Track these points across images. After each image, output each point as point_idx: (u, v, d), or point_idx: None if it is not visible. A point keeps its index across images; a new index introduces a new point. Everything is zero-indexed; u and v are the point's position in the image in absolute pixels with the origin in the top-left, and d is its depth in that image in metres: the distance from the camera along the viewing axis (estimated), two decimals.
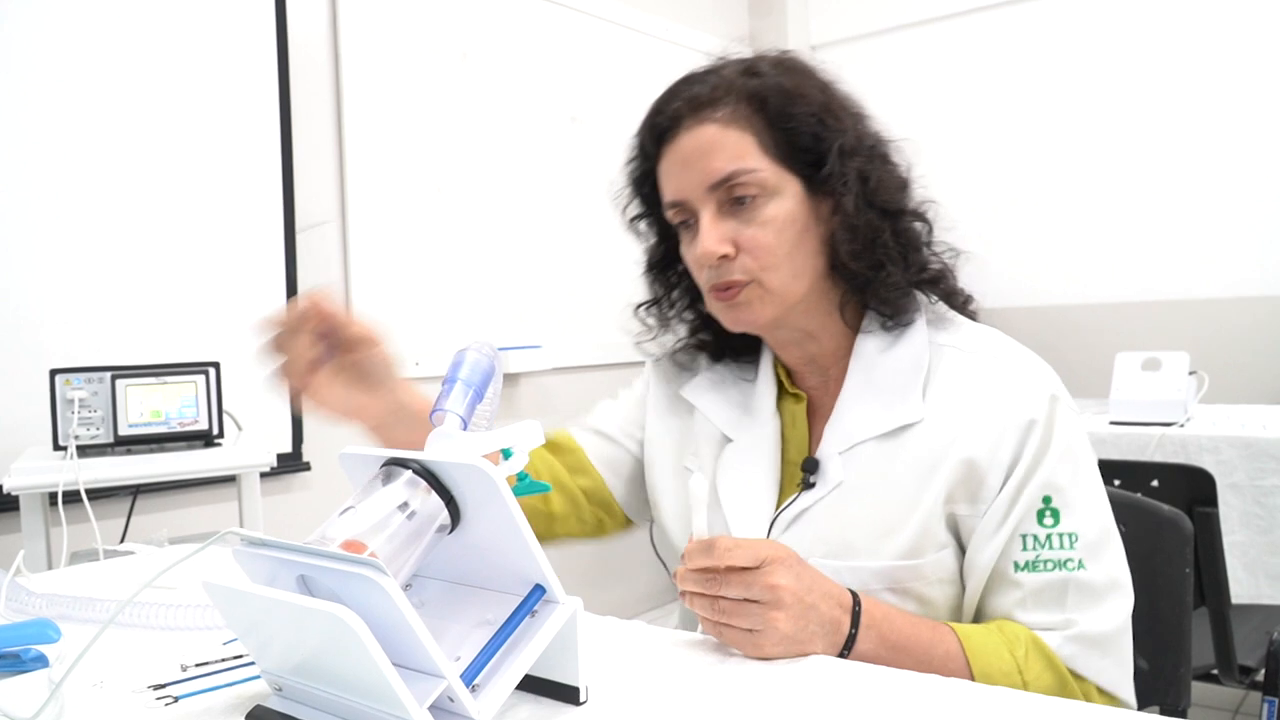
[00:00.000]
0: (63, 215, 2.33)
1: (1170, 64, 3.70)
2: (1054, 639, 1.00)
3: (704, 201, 1.09)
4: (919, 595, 1.05)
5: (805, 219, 1.10)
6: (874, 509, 1.06)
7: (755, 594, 0.90)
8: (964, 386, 1.07)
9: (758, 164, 1.08)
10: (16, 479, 1.78)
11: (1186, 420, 2.67)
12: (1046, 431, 1.03)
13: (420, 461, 0.76)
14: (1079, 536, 1.02)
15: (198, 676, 0.89)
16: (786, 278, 1.09)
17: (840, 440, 1.10)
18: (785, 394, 1.20)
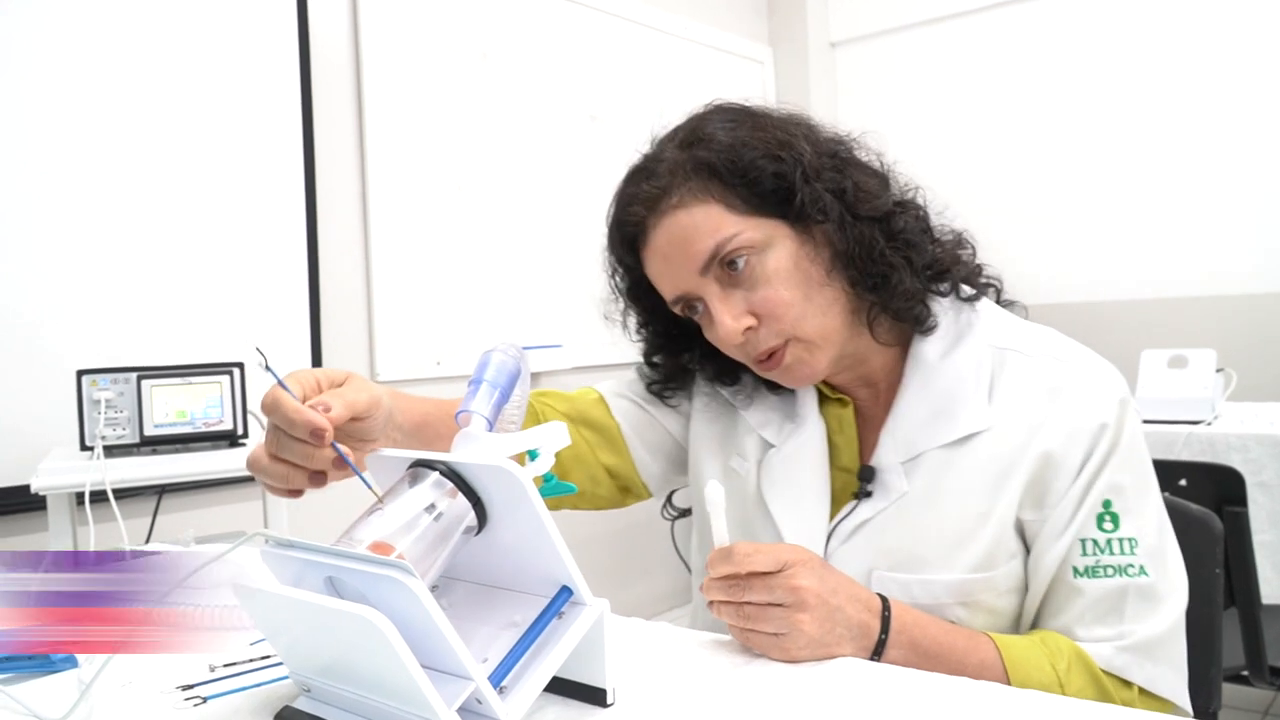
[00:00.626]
0: (89, 217, 2.34)
1: (1200, 56, 3.66)
2: (1105, 650, 0.98)
3: (703, 286, 1.06)
4: (989, 607, 1.03)
5: (803, 258, 1.05)
6: (943, 520, 1.04)
7: (779, 597, 0.90)
8: (1032, 390, 1.05)
9: (735, 228, 1.04)
10: (44, 479, 1.79)
11: (1214, 418, 2.65)
12: (1115, 435, 1.02)
13: (447, 463, 0.76)
14: (1139, 541, 1.00)
15: (226, 677, 0.89)
16: (818, 321, 1.05)
17: (901, 449, 1.07)
18: (827, 399, 1.17)
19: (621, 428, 1.26)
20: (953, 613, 1.02)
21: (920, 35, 4.27)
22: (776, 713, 0.79)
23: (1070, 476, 1.01)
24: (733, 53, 4.29)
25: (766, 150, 1.04)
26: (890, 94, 4.32)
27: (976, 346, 1.09)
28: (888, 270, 1.05)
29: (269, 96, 2.70)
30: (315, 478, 0.83)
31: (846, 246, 1.04)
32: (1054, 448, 1.01)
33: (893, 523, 1.05)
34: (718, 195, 1.05)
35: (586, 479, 1.25)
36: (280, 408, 0.81)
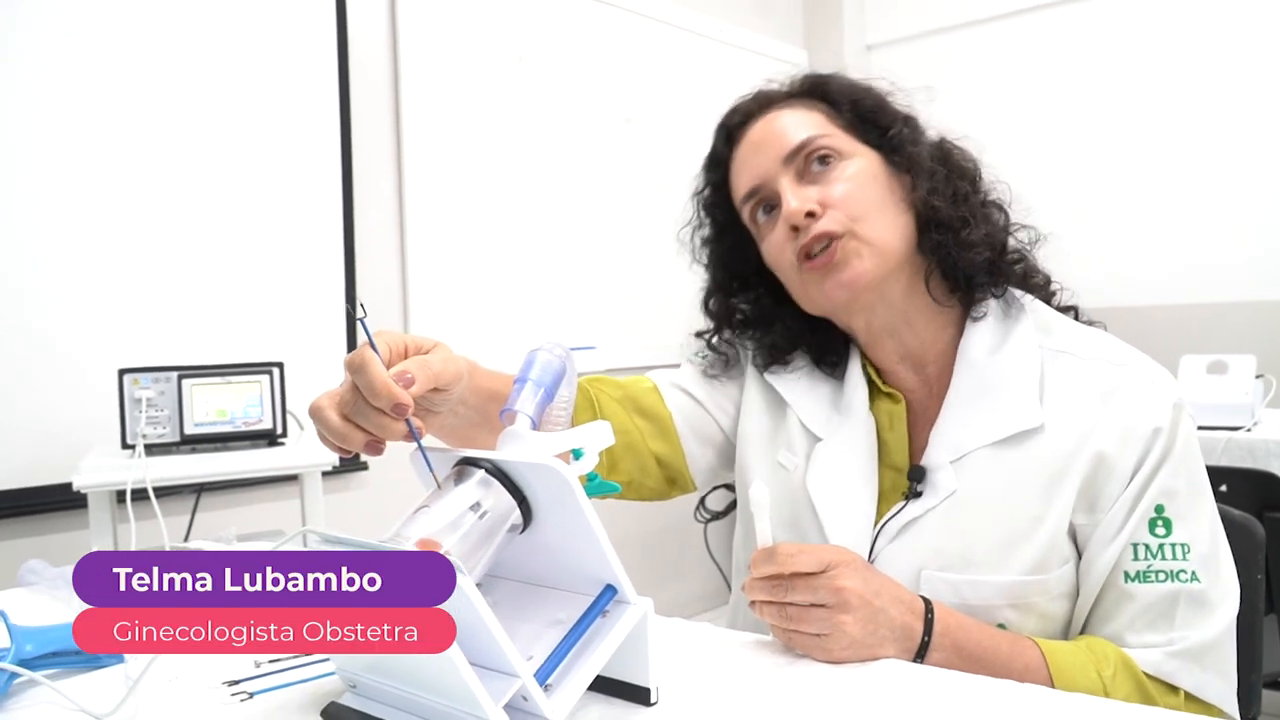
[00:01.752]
0: (131, 218, 2.37)
1: (1239, 61, 3.62)
2: (1154, 655, 0.97)
3: (782, 174, 1.10)
4: (1041, 611, 1.02)
5: (887, 181, 1.10)
6: (995, 521, 1.03)
7: (822, 598, 0.90)
8: (1086, 393, 1.04)
9: (830, 131, 1.11)
10: (86, 477, 1.81)
11: (1254, 424, 2.61)
12: (1169, 440, 1.01)
13: (492, 461, 0.77)
14: (1191, 547, 0.99)
15: (272, 673, 0.90)
16: (881, 230, 1.07)
17: (950, 448, 1.07)
18: (879, 394, 1.16)
19: (674, 417, 1.25)
20: (1003, 615, 1.01)
21: (957, 38, 4.24)
22: (820, 714, 0.79)
23: (1123, 481, 1.00)
24: (768, 55, 4.28)
25: (872, 95, 1.15)
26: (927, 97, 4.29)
27: (1026, 345, 1.08)
28: (968, 216, 1.08)
29: (308, 100, 2.72)
30: (373, 445, 0.82)
31: (933, 185, 1.09)
32: (1107, 450, 1.00)
33: (941, 522, 1.05)
34: (823, 110, 1.14)
35: (636, 467, 1.23)
36: (367, 372, 0.78)
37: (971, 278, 1.10)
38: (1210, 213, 3.68)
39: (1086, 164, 3.92)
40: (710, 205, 1.25)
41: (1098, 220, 3.87)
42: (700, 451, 1.26)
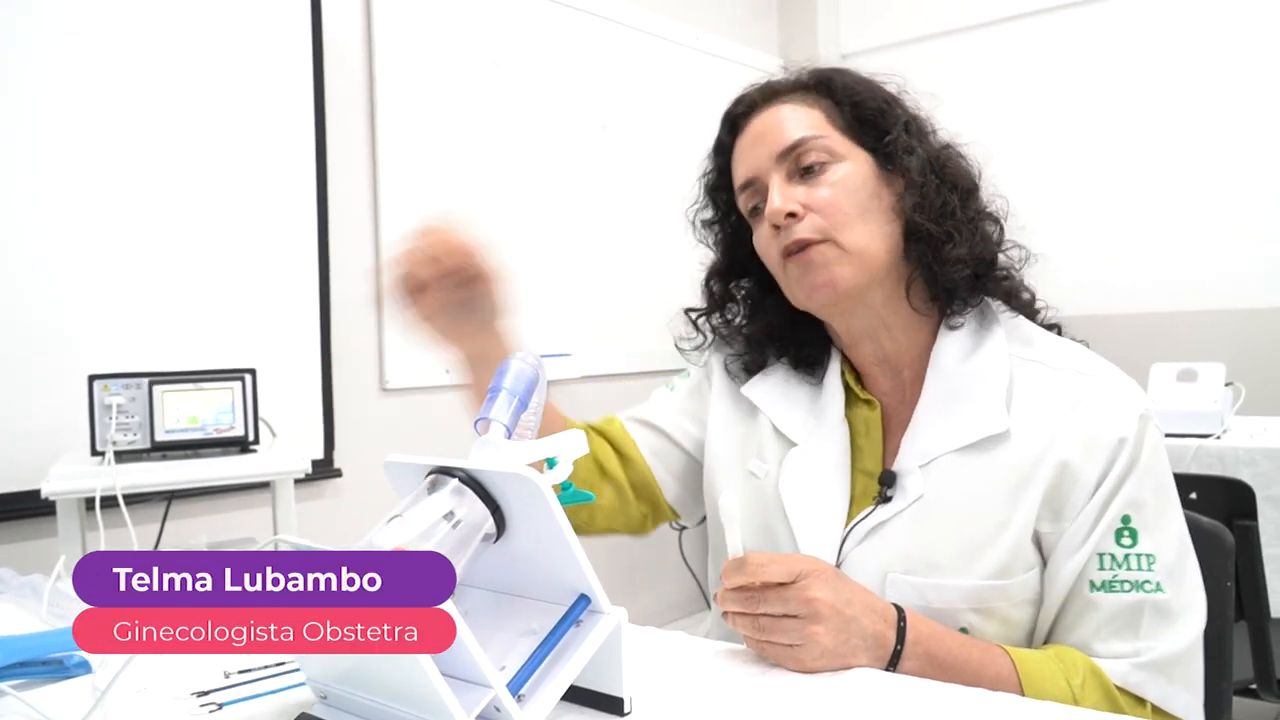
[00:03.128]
0: (101, 223, 2.35)
1: (1205, 73, 3.66)
2: (1121, 666, 0.98)
3: (774, 170, 1.11)
4: (1003, 616, 1.03)
5: (875, 186, 1.11)
6: (960, 525, 1.03)
7: (793, 608, 0.90)
8: (1053, 401, 1.05)
9: (824, 132, 1.12)
10: (55, 484, 1.79)
11: (1223, 432, 2.64)
12: (1135, 451, 1.01)
13: (466, 470, 0.76)
14: (1157, 558, 0.99)
15: (242, 684, 0.89)
16: (862, 238, 1.08)
17: (920, 453, 1.08)
18: (856, 400, 1.17)
19: (638, 443, 1.29)
20: (965, 618, 1.01)
21: (932, 47, 4.27)
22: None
23: (1088, 490, 1.01)
24: (743, 63, 4.30)
25: (882, 96, 1.15)
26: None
27: (997, 353, 1.09)
28: (952, 231, 1.08)
29: (282, 103, 2.71)
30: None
31: (921, 198, 1.09)
32: (1071, 459, 1.01)
33: (908, 526, 1.05)
34: (823, 107, 1.14)
35: (615, 494, 1.27)
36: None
37: (951, 290, 1.11)
38: (1180, 223, 3.72)
39: (1056, 174, 3.95)
40: (713, 189, 1.26)
41: (1068, 229, 3.90)
42: (672, 481, 1.29)
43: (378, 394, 2.99)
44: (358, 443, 2.84)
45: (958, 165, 1.15)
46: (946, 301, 1.12)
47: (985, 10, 4.16)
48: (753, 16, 4.50)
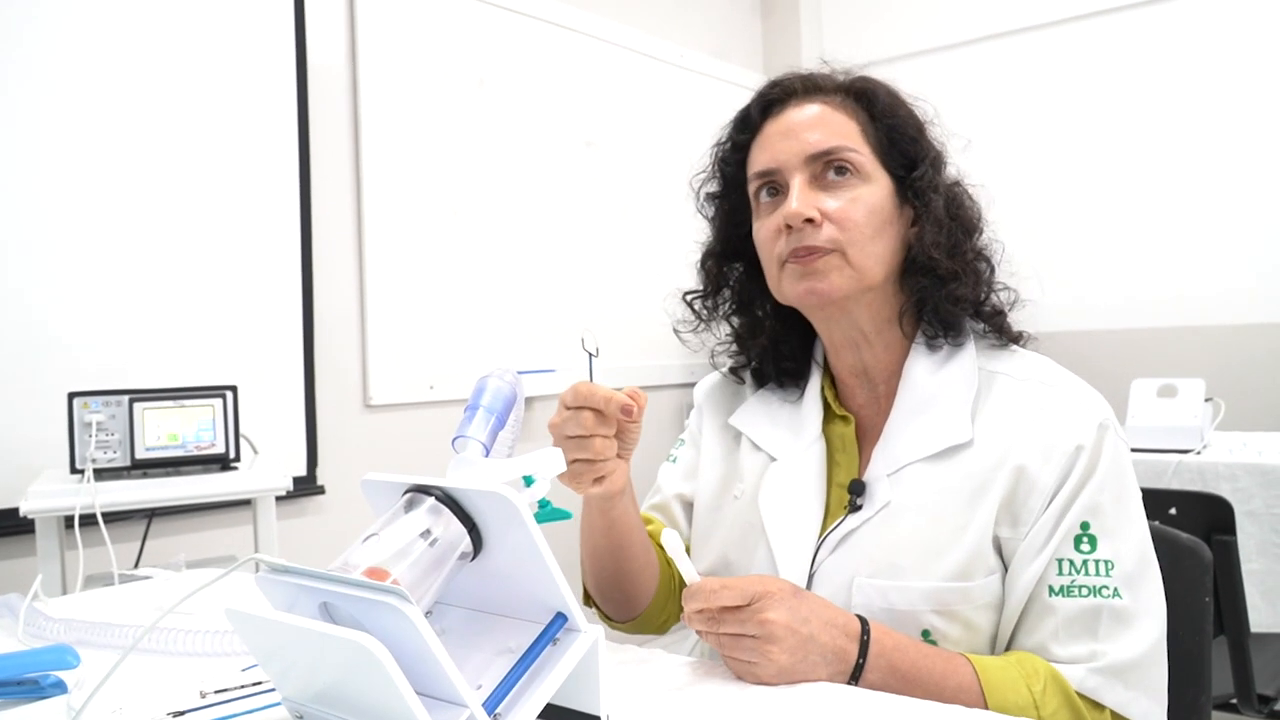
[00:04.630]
0: (81, 238, 2.34)
1: (1185, 91, 3.70)
2: (1078, 672, 0.99)
3: (798, 170, 1.12)
4: (965, 619, 1.04)
5: (891, 213, 1.13)
6: (922, 530, 1.06)
7: (749, 629, 0.94)
8: (1015, 411, 1.07)
9: (858, 146, 1.13)
10: (34, 502, 1.78)
11: (1203, 447, 2.66)
12: (1093, 458, 1.03)
13: (443, 488, 0.76)
14: (1115, 564, 1.01)
15: (218, 704, 0.89)
16: (870, 258, 1.10)
17: (888, 462, 1.11)
18: (833, 416, 1.20)
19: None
20: (928, 620, 1.03)
21: (913, 65, 4.30)
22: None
23: (1045, 497, 1.03)
24: (727, 80, 4.32)
25: (914, 122, 1.16)
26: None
27: (965, 366, 1.13)
28: (959, 271, 1.11)
29: (266, 119, 2.71)
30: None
31: (936, 236, 1.11)
32: (1028, 465, 1.03)
33: (876, 532, 1.08)
34: (860, 120, 1.15)
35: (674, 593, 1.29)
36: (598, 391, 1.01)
37: (948, 324, 1.14)
38: (1160, 240, 3.75)
39: (1036, 191, 3.98)
40: (723, 162, 1.26)
41: (1048, 246, 3.93)
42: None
43: (361, 410, 2.98)
44: (341, 459, 2.84)
45: (968, 205, 1.17)
46: (937, 330, 1.15)
47: (966, 28, 4.20)
48: (737, 34, 4.53)
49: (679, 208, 1.33)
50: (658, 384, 3.90)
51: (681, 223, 1.39)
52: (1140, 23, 3.80)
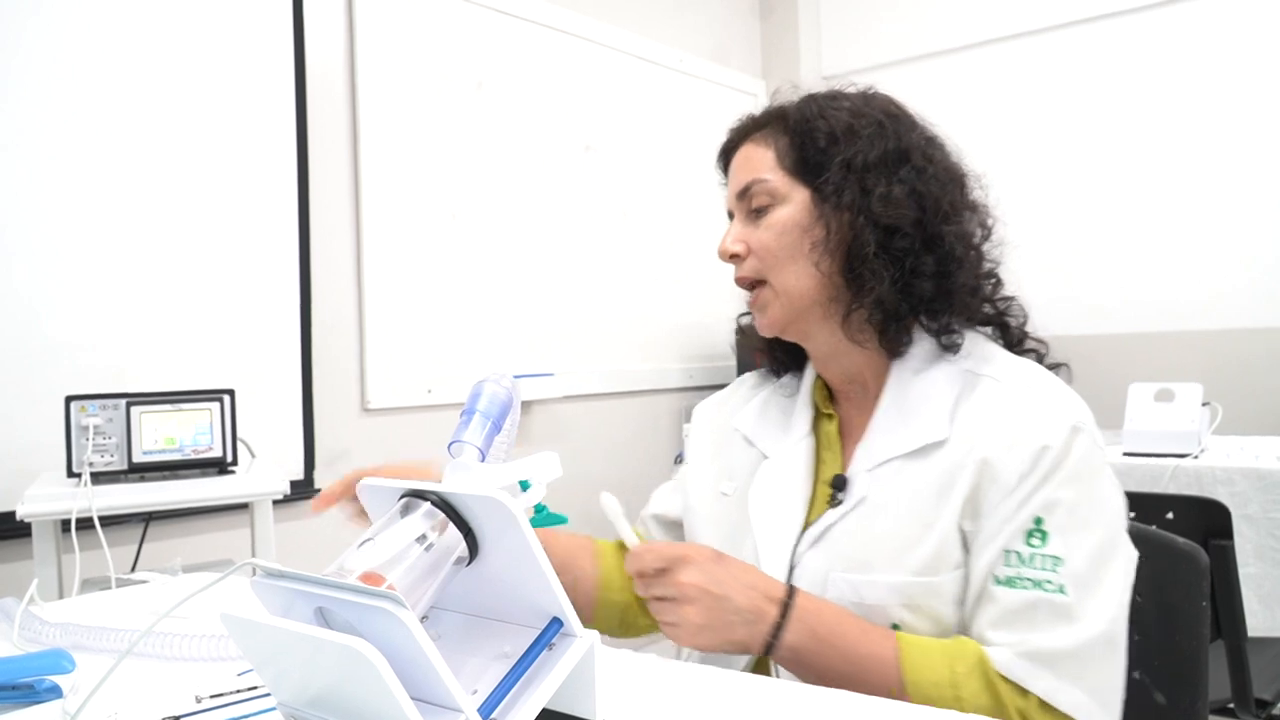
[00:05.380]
0: (79, 242, 2.35)
1: (1182, 96, 3.70)
2: (1004, 655, 0.99)
3: (737, 208, 1.22)
4: (933, 614, 1.06)
5: (808, 224, 1.15)
6: (894, 525, 1.08)
7: (669, 592, 1.01)
8: (991, 411, 1.09)
9: (769, 175, 1.18)
10: (30, 506, 1.78)
11: (1200, 452, 2.65)
12: (1058, 458, 1.03)
13: (439, 493, 0.76)
14: (1064, 562, 1.00)
15: (213, 709, 0.89)
16: (789, 279, 1.15)
17: (868, 458, 1.13)
18: (822, 415, 1.24)
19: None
20: (897, 614, 1.05)
21: (911, 70, 4.31)
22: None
23: (1005, 490, 1.03)
24: (726, 85, 4.33)
25: (831, 129, 1.16)
26: None
27: (949, 368, 1.14)
28: (868, 275, 1.12)
29: (264, 123, 2.71)
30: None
31: (842, 236, 1.13)
32: (992, 458, 1.04)
33: (852, 527, 1.11)
34: (779, 147, 1.19)
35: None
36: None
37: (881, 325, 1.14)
38: (1158, 244, 3.75)
39: (1034, 195, 3.99)
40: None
41: (1048, 250, 3.93)
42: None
43: (359, 414, 2.98)
44: (339, 463, 2.83)
45: (893, 196, 1.13)
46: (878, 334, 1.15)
47: (965, 33, 4.20)
48: (735, 38, 4.53)
49: (678, 211, 1.37)
50: (657, 388, 3.91)
51: (681, 226, 1.41)
52: (1137, 28, 3.80)
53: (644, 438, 3.84)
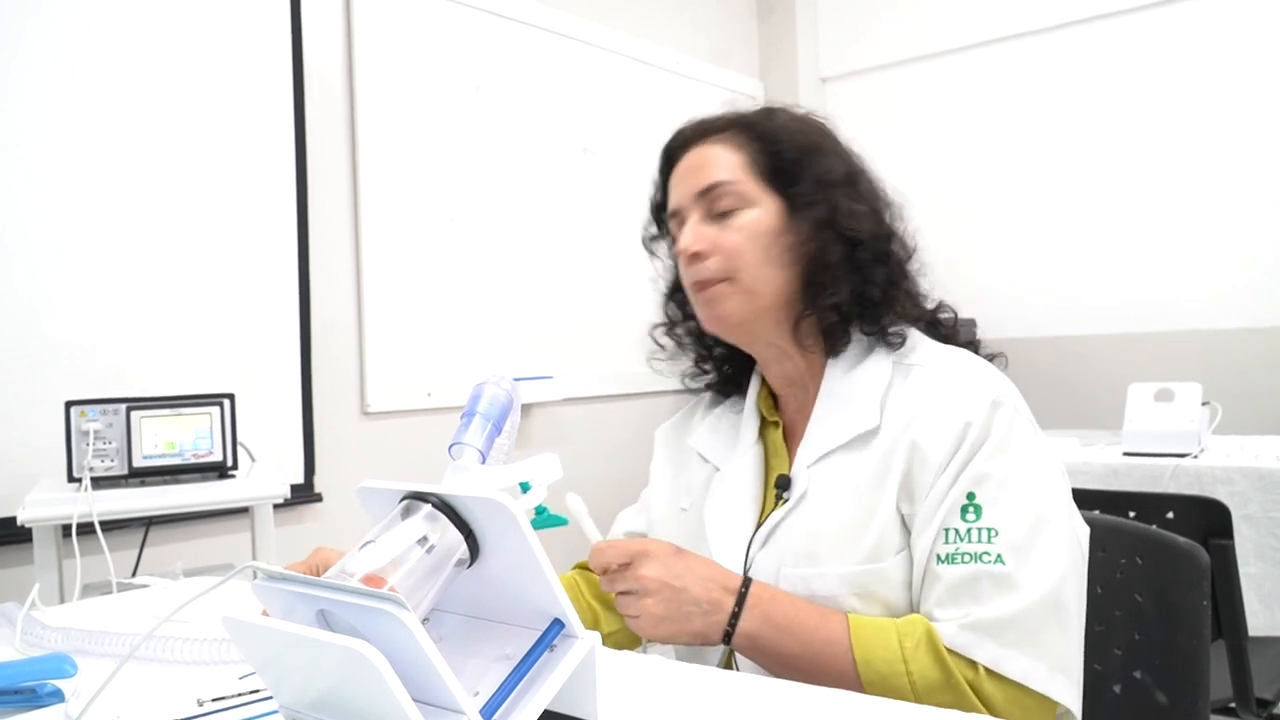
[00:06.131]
0: (79, 246, 2.35)
1: (1181, 96, 3.71)
2: (949, 628, 1.01)
3: (693, 207, 1.21)
4: (883, 600, 1.08)
5: (778, 231, 1.18)
6: (837, 516, 1.11)
7: (631, 586, 1.05)
8: (918, 396, 1.13)
9: (739, 178, 1.19)
10: (30, 511, 1.78)
11: (1200, 451, 2.66)
12: (981, 433, 1.06)
13: (440, 495, 0.76)
14: (999, 532, 1.03)
15: (216, 712, 0.89)
16: (758, 281, 1.17)
17: (808, 454, 1.17)
18: (768, 423, 1.27)
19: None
20: (849, 603, 1.08)
21: (909, 71, 4.32)
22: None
23: (936, 471, 1.07)
24: (724, 87, 4.33)
25: (802, 144, 1.20)
26: (879, 129, 4.36)
27: (879, 362, 1.19)
28: (829, 283, 1.17)
29: (262, 127, 2.71)
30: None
31: (811, 247, 1.18)
32: (919, 440, 1.08)
33: (798, 523, 1.14)
34: (747, 151, 1.21)
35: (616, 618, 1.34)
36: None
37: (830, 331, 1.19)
38: (1156, 244, 3.76)
39: (1036, 196, 3.99)
40: (656, 210, 1.38)
41: (1047, 250, 3.94)
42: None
43: (359, 418, 2.98)
44: (339, 467, 2.84)
45: (855, 210, 1.19)
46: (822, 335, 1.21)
47: (964, 34, 4.21)
48: (733, 40, 4.53)
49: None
50: (658, 390, 3.90)
51: None
52: (1136, 29, 3.81)
53: (643, 440, 3.79)
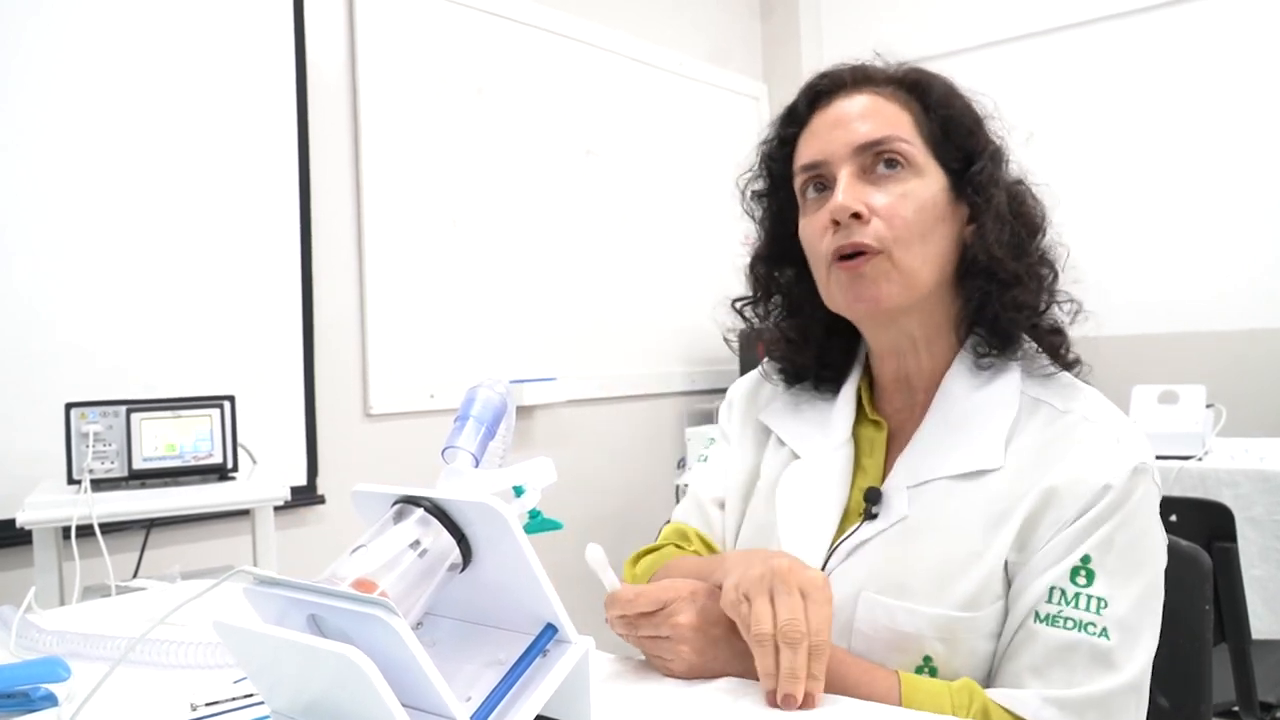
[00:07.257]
0: (80, 247, 2.35)
1: (1183, 98, 3.70)
2: (1031, 700, 0.93)
3: (846, 163, 1.06)
4: (970, 647, 0.99)
5: (943, 211, 1.07)
6: (937, 551, 1.01)
7: (662, 631, 0.97)
8: (1051, 444, 1.02)
9: (911, 138, 1.07)
10: (30, 513, 1.78)
11: (1204, 454, 2.65)
12: (1118, 499, 0.97)
13: (432, 499, 0.76)
14: (1108, 604, 0.94)
15: (208, 716, 0.88)
16: (917, 260, 1.04)
17: (910, 474, 1.06)
18: (865, 419, 1.15)
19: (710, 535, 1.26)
20: (931, 646, 0.99)
21: None
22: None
23: (1061, 525, 0.97)
24: (728, 88, 4.32)
25: (971, 114, 1.11)
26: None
27: (1008, 389, 1.07)
28: (1023, 273, 1.07)
29: (266, 128, 2.71)
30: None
31: (998, 235, 1.06)
32: (1051, 495, 0.98)
33: (889, 546, 1.04)
34: (913, 111, 1.09)
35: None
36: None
37: (1005, 335, 1.08)
38: (1161, 246, 3.74)
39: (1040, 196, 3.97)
40: (769, 158, 1.20)
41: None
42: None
43: (362, 419, 2.98)
44: (342, 469, 2.84)
45: (1030, 204, 1.12)
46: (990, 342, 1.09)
47: (966, 35, 4.20)
48: (736, 40, 4.53)
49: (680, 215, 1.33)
50: (660, 392, 3.90)
51: (683, 229, 1.38)
52: (1140, 30, 3.80)
53: (646, 442, 3.83)
